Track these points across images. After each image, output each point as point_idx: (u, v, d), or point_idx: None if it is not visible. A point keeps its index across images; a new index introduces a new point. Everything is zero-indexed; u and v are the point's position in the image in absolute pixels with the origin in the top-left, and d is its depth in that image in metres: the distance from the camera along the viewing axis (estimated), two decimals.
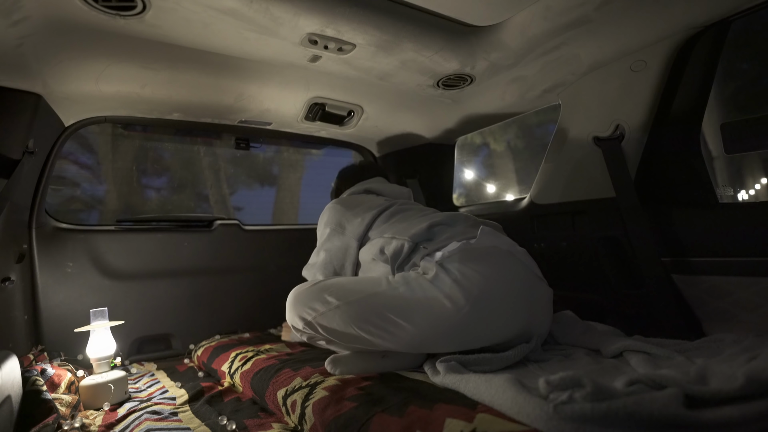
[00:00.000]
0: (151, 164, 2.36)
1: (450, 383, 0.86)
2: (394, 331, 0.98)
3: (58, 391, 1.18)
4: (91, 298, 1.66)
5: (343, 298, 1.04)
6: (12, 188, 1.26)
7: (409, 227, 1.19)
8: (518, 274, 1.06)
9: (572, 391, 0.61)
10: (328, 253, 1.32)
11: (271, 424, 1.01)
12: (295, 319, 1.11)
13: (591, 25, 1.19)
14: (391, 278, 1.07)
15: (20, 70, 1.21)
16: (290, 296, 1.15)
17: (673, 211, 1.27)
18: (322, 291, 1.08)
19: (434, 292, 0.98)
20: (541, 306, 1.09)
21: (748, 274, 1.12)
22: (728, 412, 0.54)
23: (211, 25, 1.14)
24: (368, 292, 1.04)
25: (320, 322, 1.05)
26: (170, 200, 2.47)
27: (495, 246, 1.09)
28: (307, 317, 1.07)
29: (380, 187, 1.57)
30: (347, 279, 1.20)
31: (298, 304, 1.11)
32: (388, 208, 1.34)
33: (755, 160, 2.69)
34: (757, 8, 1.10)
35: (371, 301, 1.02)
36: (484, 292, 0.98)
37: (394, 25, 1.17)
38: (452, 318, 0.96)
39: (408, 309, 0.98)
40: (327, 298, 1.05)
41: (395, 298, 1.01)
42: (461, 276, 0.99)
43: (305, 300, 1.09)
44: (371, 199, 1.45)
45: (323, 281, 1.14)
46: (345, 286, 1.08)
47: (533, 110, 1.79)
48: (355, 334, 1.01)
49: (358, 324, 1.00)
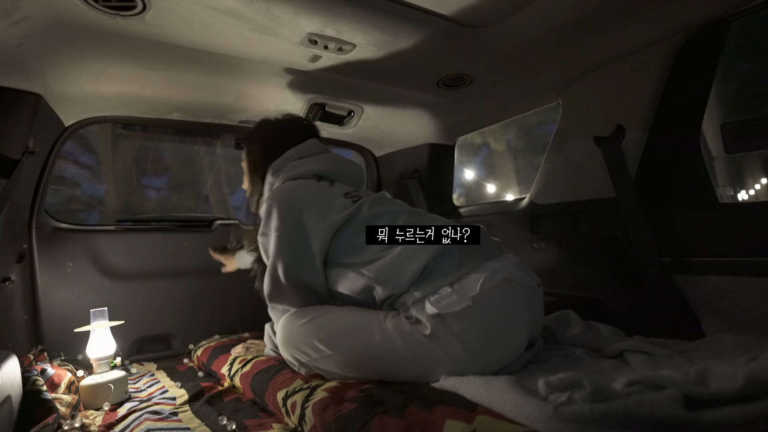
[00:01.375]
0: (151, 164, 2.37)
1: (449, 385, 0.86)
2: (391, 376, 0.96)
3: (58, 391, 1.18)
4: (91, 298, 1.66)
5: (335, 347, 0.99)
6: (12, 188, 1.26)
7: (397, 266, 1.01)
8: (519, 305, 0.97)
9: (572, 392, 0.61)
10: (289, 264, 1.11)
11: (271, 424, 1.01)
12: (290, 358, 1.07)
13: (591, 25, 1.19)
14: (383, 324, 0.97)
15: (20, 70, 1.21)
16: (279, 334, 1.09)
17: (673, 211, 1.27)
18: (310, 335, 1.02)
19: (432, 348, 0.91)
20: (538, 312, 1.06)
21: (748, 274, 1.12)
22: (728, 413, 0.54)
23: (211, 25, 1.14)
24: (361, 343, 0.97)
25: (316, 365, 1.03)
26: (170, 200, 2.47)
27: (493, 284, 0.94)
28: (301, 359, 1.04)
29: (329, 168, 1.27)
30: (335, 317, 1.05)
31: (289, 346, 1.06)
32: (357, 211, 1.12)
33: (755, 160, 2.69)
34: (757, 8, 1.11)
35: (365, 353, 0.96)
36: (486, 345, 0.92)
37: (394, 25, 1.17)
38: (452, 366, 0.91)
39: (404, 361, 0.94)
40: (318, 346, 1.00)
41: (390, 350, 0.94)
42: (460, 330, 0.90)
43: (296, 343, 1.05)
44: (327, 191, 1.18)
45: (310, 320, 1.05)
46: (334, 332, 1.01)
47: (533, 110, 1.79)
48: (353, 376, 0.99)
49: (354, 371, 0.98)
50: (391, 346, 0.94)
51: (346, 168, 1.31)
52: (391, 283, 1.01)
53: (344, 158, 1.34)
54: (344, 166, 1.31)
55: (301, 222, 1.11)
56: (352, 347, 0.97)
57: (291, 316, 1.09)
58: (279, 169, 1.27)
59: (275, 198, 1.15)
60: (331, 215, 1.11)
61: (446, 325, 0.91)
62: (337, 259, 1.11)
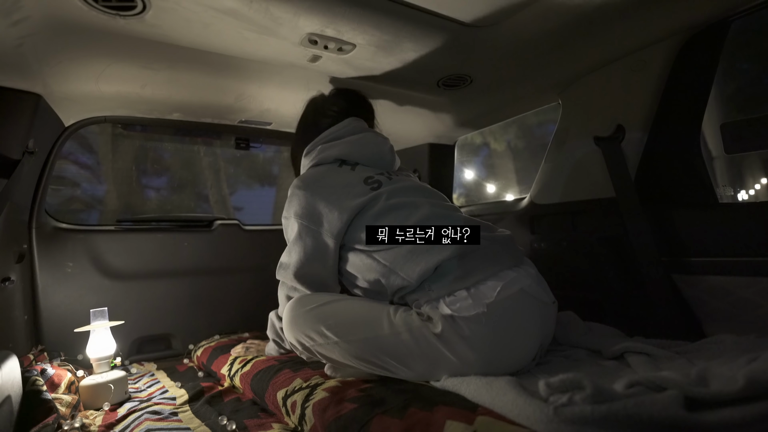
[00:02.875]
0: (151, 164, 2.36)
1: (450, 386, 0.86)
2: (394, 370, 0.95)
3: (58, 391, 1.18)
4: (91, 298, 1.66)
5: (342, 335, 0.98)
6: (12, 188, 1.26)
7: (411, 258, 1.02)
8: (532, 318, 0.97)
9: (572, 393, 0.61)
10: (302, 255, 1.13)
11: (272, 424, 1.01)
12: (294, 342, 1.07)
13: (591, 25, 1.19)
14: (393, 318, 0.97)
15: (20, 70, 1.21)
16: (286, 316, 1.08)
17: (673, 211, 1.27)
18: (318, 321, 1.01)
19: (440, 347, 0.91)
20: (550, 326, 1.05)
21: (748, 274, 1.11)
22: (728, 414, 0.54)
23: (211, 25, 1.14)
24: (368, 334, 0.96)
25: (319, 351, 1.02)
26: (170, 200, 2.47)
27: (509, 294, 0.95)
28: (306, 343, 1.03)
29: (353, 151, 1.24)
30: (343, 305, 1.05)
31: (295, 329, 1.05)
32: (374, 201, 1.11)
33: (755, 160, 2.69)
34: (757, 8, 1.10)
35: (371, 343, 0.96)
36: (494, 353, 0.91)
37: (394, 25, 1.17)
38: (457, 368, 0.91)
39: (410, 357, 0.93)
40: (324, 332, 0.99)
41: (397, 345, 0.94)
42: (471, 333, 0.90)
43: (302, 327, 1.03)
44: (346, 177, 1.17)
45: (319, 306, 1.04)
46: (342, 320, 1.00)
47: (533, 110, 1.79)
48: (355, 366, 0.99)
49: (357, 361, 0.98)
50: (399, 341, 0.94)
51: (372, 150, 1.26)
52: (402, 273, 1.02)
53: (373, 138, 1.29)
54: (370, 148, 1.26)
55: (317, 212, 1.12)
56: (359, 337, 0.97)
57: (299, 300, 1.08)
58: (309, 152, 1.29)
59: (297, 185, 1.17)
60: (346, 202, 1.10)
61: (457, 328, 0.91)
62: (351, 244, 1.11)
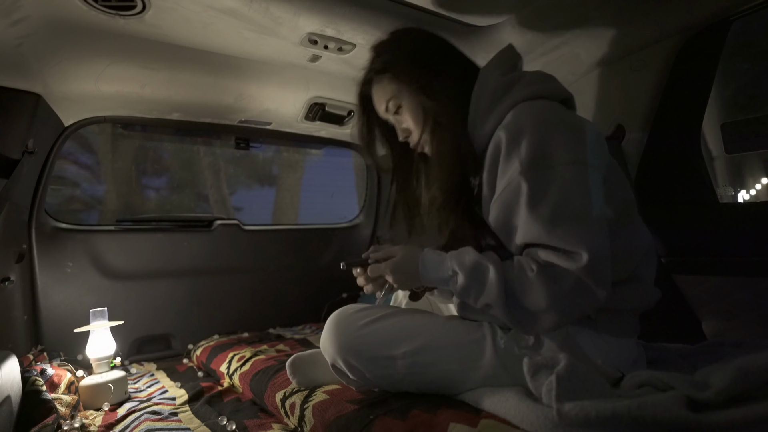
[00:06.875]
0: (151, 164, 2.36)
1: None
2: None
3: (57, 392, 1.18)
4: (90, 298, 1.65)
5: (426, 363, 0.82)
6: (12, 188, 1.25)
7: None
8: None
9: (549, 369, 0.66)
10: (595, 214, 0.75)
11: (271, 424, 1.01)
12: (343, 366, 0.87)
13: (591, 25, 1.19)
14: (497, 341, 0.81)
15: (20, 70, 1.20)
16: (334, 333, 0.88)
17: (673, 211, 1.27)
18: (393, 342, 0.83)
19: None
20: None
21: (748, 274, 1.11)
22: (731, 414, 0.54)
23: (211, 24, 1.14)
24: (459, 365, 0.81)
25: (387, 381, 0.85)
26: (170, 200, 2.46)
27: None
28: (374, 371, 0.85)
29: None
30: (423, 323, 0.87)
31: (352, 352, 0.85)
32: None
33: (755, 160, 2.69)
34: (757, 8, 1.10)
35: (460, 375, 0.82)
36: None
37: (394, 25, 1.16)
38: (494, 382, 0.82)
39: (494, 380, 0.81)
40: (401, 354, 0.82)
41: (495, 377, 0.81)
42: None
43: (369, 350, 0.84)
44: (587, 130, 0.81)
45: (386, 320, 0.86)
46: (430, 344, 0.83)
47: None
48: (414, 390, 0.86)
49: (422, 388, 0.85)
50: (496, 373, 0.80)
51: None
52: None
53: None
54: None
55: (585, 148, 0.78)
56: (446, 368, 0.81)
57: (357, 313, 0.89)
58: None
59: (546, 109, 0.81)
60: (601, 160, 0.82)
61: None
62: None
